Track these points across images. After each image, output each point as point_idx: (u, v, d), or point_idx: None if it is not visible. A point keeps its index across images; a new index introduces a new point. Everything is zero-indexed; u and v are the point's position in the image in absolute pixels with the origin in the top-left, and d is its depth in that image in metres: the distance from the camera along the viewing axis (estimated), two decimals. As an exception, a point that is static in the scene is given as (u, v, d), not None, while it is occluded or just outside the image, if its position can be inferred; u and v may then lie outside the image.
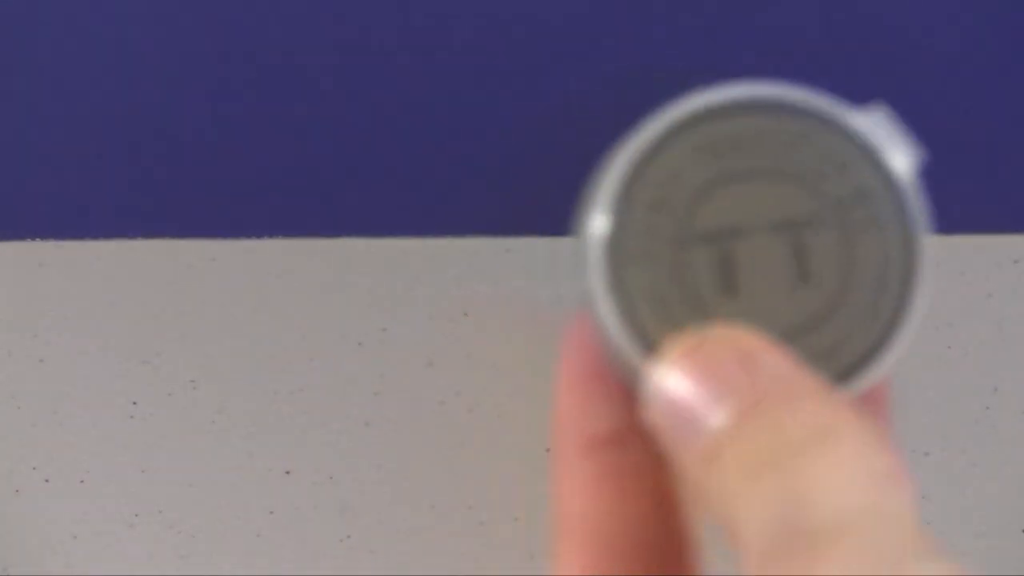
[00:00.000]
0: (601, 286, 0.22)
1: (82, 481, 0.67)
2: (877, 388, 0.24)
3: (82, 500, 0.67)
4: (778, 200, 0.23)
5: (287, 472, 0.68)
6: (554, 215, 0.81)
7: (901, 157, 0.24)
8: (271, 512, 0.67)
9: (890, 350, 0.24)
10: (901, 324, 0.24)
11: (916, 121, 0.75)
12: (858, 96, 0.75)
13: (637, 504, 0.25)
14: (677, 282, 0.22)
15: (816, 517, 0.20)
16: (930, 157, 0.75)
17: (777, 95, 0.23)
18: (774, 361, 0.21)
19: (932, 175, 0.76)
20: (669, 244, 0.22)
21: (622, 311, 0.22)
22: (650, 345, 0.22)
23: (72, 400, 0.71)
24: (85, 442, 0.69)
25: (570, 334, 0.25)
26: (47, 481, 0.67)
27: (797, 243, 0.23)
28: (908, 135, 0.23)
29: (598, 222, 0.22)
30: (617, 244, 0.22)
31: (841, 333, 0.23)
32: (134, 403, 0.70)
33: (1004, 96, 0.75)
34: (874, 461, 0.21)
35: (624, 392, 0.24)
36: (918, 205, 0.24)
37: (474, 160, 0.80)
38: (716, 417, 0.21)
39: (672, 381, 0.21)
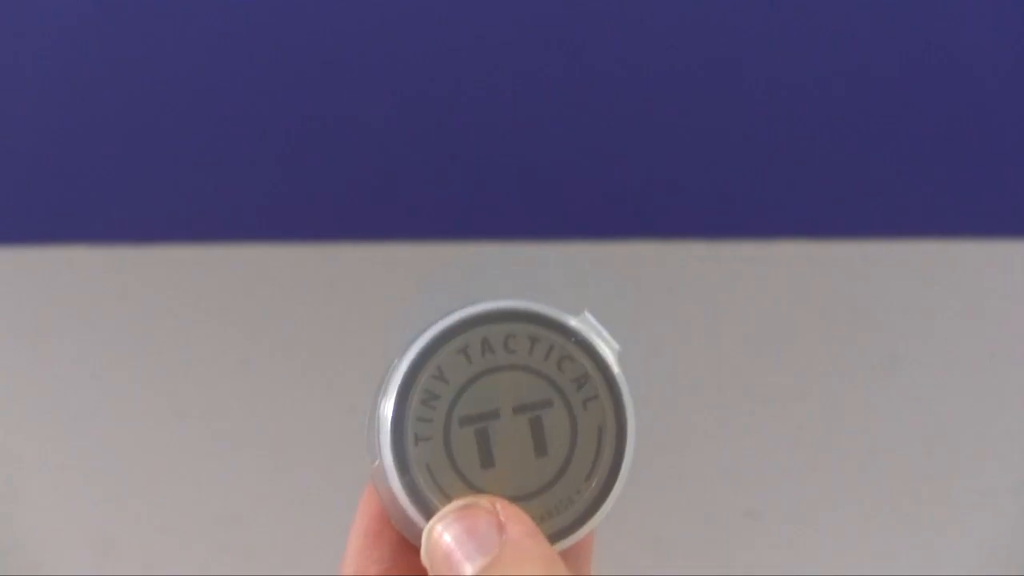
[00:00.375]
0: (390, 462, 0.29)
1: (82, 482, 0.67)
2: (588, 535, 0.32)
3: (82, 502, 0.67)
4: (520, 388, 0.30)
5: (291, 474, 0.68)
6: (556, 217, 0.81)
7: (607, 348, 0.31)
8: (274, 514, 0.67)
9: (603, 506, 0.31)
10: (613, 485, 0.31)
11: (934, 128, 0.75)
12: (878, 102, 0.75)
13: None
14: (447, 457, 0.30)
15: None
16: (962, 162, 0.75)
17: (516, 308, 0.31)
18: (518, 530, 0.29)
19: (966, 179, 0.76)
20: (439, 429, 0.30)
21: (405, 481, 0.29)
22: (427, 507, 0.30)
23: (71, 402, 0.71)
24: (84, 444, 0.69)
25: (365, 495, 0.32)
26: (47, 483, 0.67)
27: (535, 422, 0.30)
28: (606, 332, 0.32)
29: (386, 412, 0.30)
30: (400, 429, 0.30)
31: (569, 492, 0.30)
32: (134, 406, 0.70)
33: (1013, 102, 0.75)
34: None
35: (399, 545, 0.32)
36: (624, 386, 0.31)
37: (479, 165, 0.80)
38: (469, 568, 0.28)
39: (444, 534, 0.29)
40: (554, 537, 0.30)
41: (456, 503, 0.29)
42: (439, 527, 0.29)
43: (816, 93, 0.73)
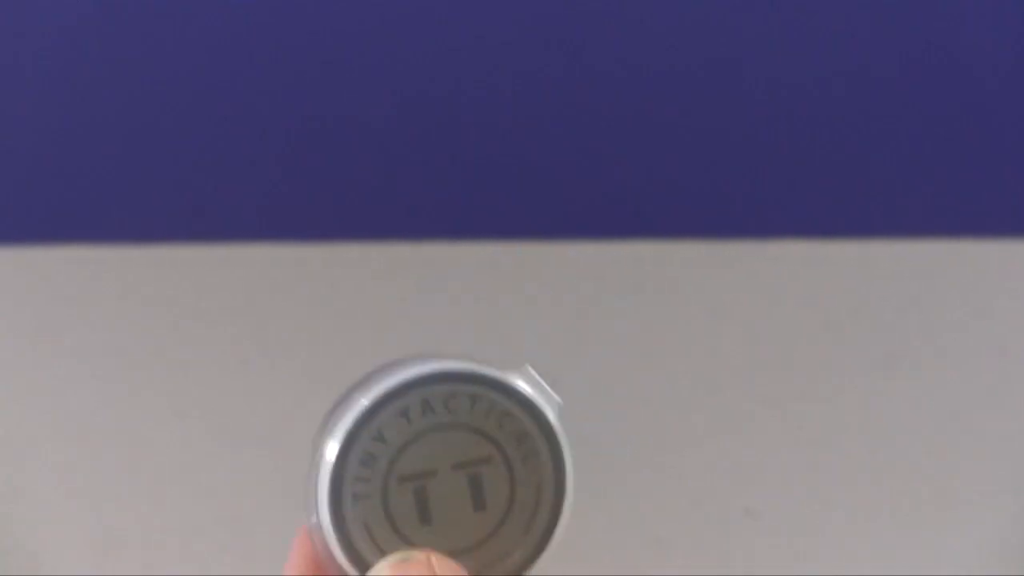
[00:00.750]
0: (327, 520, 0.30)
1: (82, 482, 0.67)
2: None
3: (82, 502, 0.67)
4: (460, 446, 0.30)
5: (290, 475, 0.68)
6: (558, 216, 0.81)
7: (548, 406, 0.31)
8: (274, 514, 0.67)
9: (540, 559, 0.31)
10: (550, 537, 0.31)
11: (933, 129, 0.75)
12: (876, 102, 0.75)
13: None
14: (385, 514, 0.30)
15: None
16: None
17: (456, 369, 0.31)
18: None
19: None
20: (378, 488, 0.30)
21: (341, 537, 0.30)
22: (363, 563, 0.30)
23: (72, 401, 0.71)
24: (84, 444, 0.69)
25: (297, 544, 0.32)
26: (48, 483, 0.67)
27: (474, 478, 0.30)
28: (549, 389, 0.31)
29: (324, 473, 0.30)
30: (337, 489, 0.30)
31: (507, 546, 0.30)
32: (135, 405, 0.70)
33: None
34: None
35: None
36: (564, 441, 0.31)
37: (480, 164, 0.80)
38: None
39: None
40: None
41: (391, 557, 0.29)
42: None
43: (816, 93, 0.73)
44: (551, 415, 0.31)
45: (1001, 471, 0.67)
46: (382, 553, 0.30)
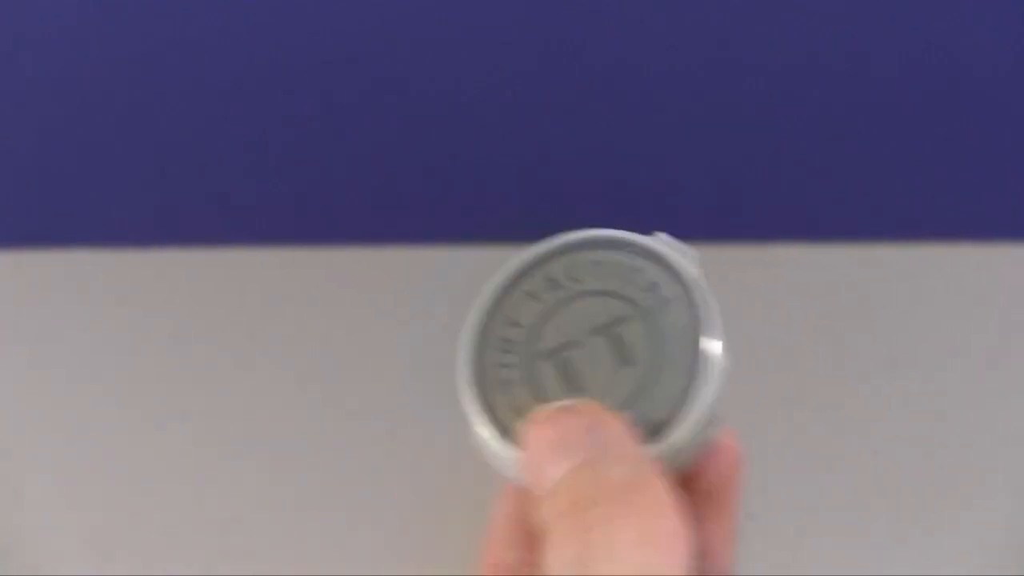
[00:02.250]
0: (473, 410, 0.30)
1: (82, 484, 0.67)
2: (727, 476, 0.31)
3: (82, 502, 0.67)
4: (595, 311, 0.30)
5: (293, 479, 0.68)
6: (559, 218, 0.81)
7: (683, 258, 0.31)
8: (274, 516, 0.67)
9: (697, 402, 0.30)
10: (704, 381, 0.30)
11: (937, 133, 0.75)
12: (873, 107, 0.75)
13: None
14: (531, 393, 0.30)
15: (599, 564, 0.26)
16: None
17: (570, 240, 0.31)
18: (608, 431, 0.28)
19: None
20: (520, 367, 0.30)
21: (492, 428, 0.30)
22: (512, 439, 0.30)
23: (72, 403, 0.71)
24: (84, 445, 0.69)
25: (504, 490, 0.32)
26: (49, 485, 0.67)
27: (615, 337, 0.30)
28: (685, 246, 0.32)
29: (463, 368, 0.30)
30: (480, 379, 0.30)
31: (663, 392, 0.30)
32: (134, 407, 0.70)
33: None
34: (659, 523, 0.27)
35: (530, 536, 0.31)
36: (695, 283, 0.31)
37: (485, 167, 0.80)
38: (558, 468, 0.28)
39: (535, 439, 0.29)
40: (650, 438, 0.29)
41: (548, 407, 0.29)
42: (531, 434, 0.28)
43: (816, 94, 0.73)
44: (686, 265, 0.31)
45: (1002, 474, 0.67)
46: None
